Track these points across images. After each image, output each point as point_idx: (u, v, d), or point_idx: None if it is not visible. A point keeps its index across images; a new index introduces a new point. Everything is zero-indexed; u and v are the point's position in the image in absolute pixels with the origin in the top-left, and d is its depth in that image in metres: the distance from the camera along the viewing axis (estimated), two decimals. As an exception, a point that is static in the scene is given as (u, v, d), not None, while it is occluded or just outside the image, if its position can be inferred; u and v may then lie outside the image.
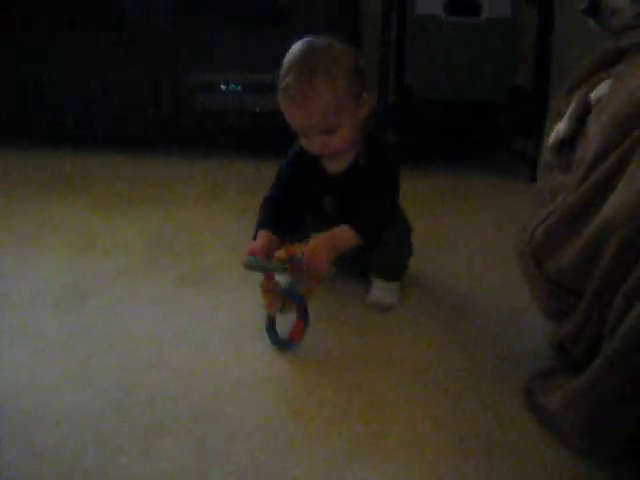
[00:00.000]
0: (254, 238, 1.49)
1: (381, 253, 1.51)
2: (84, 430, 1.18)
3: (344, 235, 1.43)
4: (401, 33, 2.43)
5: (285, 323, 1.41)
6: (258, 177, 2.14)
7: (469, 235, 1.83)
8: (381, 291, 1.54)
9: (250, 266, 1.41)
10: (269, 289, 1.41)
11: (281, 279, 1.44)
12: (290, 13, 2.22)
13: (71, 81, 2.40)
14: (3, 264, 1.75)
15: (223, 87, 2.34)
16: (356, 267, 1.60)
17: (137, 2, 2.29)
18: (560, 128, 1.23)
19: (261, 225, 1.51)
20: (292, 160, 1.56)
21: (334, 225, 1.45)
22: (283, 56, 1.52)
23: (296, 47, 1.43)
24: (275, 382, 1.30)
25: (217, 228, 1.90)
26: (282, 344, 1.40)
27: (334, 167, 1.52)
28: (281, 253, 1.38)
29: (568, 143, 1.20)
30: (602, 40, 1.32)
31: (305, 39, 1.44)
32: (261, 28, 2.27)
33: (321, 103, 1.38)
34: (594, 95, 1.17)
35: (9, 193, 2.16)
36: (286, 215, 1.52)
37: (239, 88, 2.33)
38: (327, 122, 1.41)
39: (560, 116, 1.25)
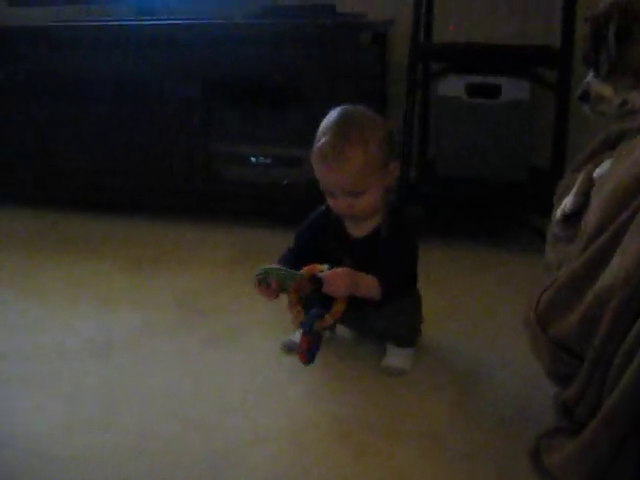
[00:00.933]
0: None
1: (396, 320, 1.57)
2: (100, 473, 1.24)
3: (368, 280, 1.49)
4: (425, 112, 2.55)
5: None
6: (281, 245, 2.21)
7: (484, 306, 1.89)
8: (395, 357, 1.60)
9: (261, 271, 1.48)
10: (294, 303, 1.48)
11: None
12: (317, 93, 2.35)
13: (106, 149, 2.55)
14: (32, 316, 1.85)
15: (253, 159, 2.46)
16: (368, 331, 1.66)
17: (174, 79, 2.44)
18: (567, 202, 1.30)
19: (278, 262, 1.58)
20: (315, 221, 1.64)
21: None
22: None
23: (334, 112, 1.53)
24: (292, 440, 1.34)
25: (241, 292, 1.97)
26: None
27: (356, 231, 1.59)
28: (304, 269, 1.48)
29: (574, 216, 1.27)
30: (609, 124, 1.41)
31: (343, 106, 1.54)
32: (289, 106, 2.41)
33: (352, 165, 1.47)
34: (597, 172, 1.25)
35: (37, 254, 2.29)
36: (303, 264, 1.57)
37: (268, 161, 2.46)
38: (355, 184, 1.49)
39: (567, 191, 1.32)
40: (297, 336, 1.64)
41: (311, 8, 2.45)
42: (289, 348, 1.64)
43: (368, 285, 1.49)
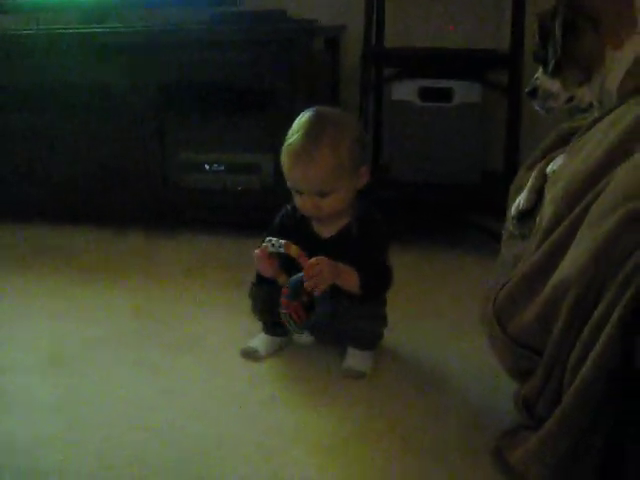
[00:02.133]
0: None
1: (357, 322, 1.57)
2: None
3: (350, 274, 1.51)
4: (378, 116, 2.56)
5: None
6: (239, 252, 2.22)
7: (440, 306, 1.91)
8: (355, 359, 1.59)
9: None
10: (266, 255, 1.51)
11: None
12: (271, 99, 2.34)
13: (60, 158, 2.51)
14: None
15: (207, 167, 2.45)
16: (331, 335, 1.65)
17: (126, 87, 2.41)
18: (520, 199, 1.32)
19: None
20: (282, 221, 1.63)
21: None
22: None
23: (307, 112, 1.54)
24: (257, 446, 1.32)
25: (200, 300, 1.96)
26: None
27: (324, 231, 1.59)
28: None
29: (529, 213, 1.29)
30: (560, 122, 1.44)
31: (316, 106, 1.56)
32: (244, 113, 2.40)
33: (321, 166, 1.48)
34: (549, 168, 1.27)
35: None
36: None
37: (222, 168, 2.44)
38: (323, 185, 1.50)
39: (521, 189, 1.34)
40: (255, 342, 1.66)
41: (263, 14, 2.44)
42: (249, 354, 1.63)
43: (349, 275, 1.50)
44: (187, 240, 2.44)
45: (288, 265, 1.54)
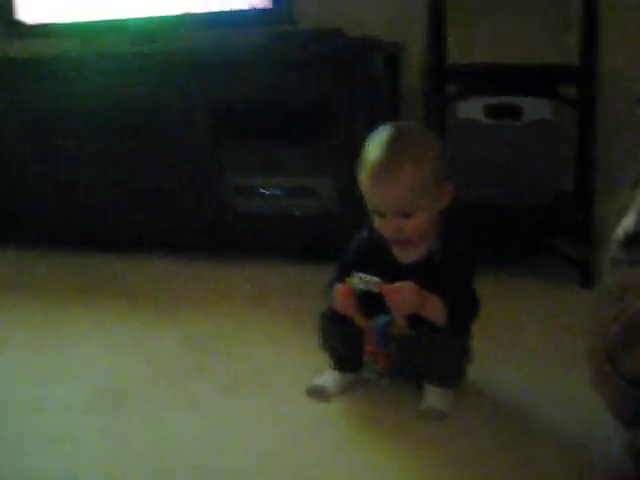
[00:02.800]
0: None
1: (439, 356, 1.43)
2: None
3: (435, 302, 1.39)
4: (442, 136, 2.44)
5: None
6: (301, 281, 2.11)
7: (519, 342, 1.75)
8: (434, 397, 1.44)
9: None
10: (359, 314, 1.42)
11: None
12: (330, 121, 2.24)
13: (110, 182, 2.43)
14: (43, 366, 1.70)
15: (264, 191, 2.34)
16: (412, 373, 1.51)
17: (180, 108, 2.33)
18: (626, 222, 1.18)
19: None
20: (359, 247, 1.52)
21: None
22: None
23: (384, 128, 1.45)
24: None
25: (261, 332, 1.84)
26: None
27: (405, 257, 1.47)
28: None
29: (638, 236, 1.15)
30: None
31: (394, 122, 1.48)
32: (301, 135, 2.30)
33: (405, 182, 1.38)
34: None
35: (47, 298, 2.15)
36: None
37: (278, 192, 2.34)
38: (407, 203, 1.40)
39: (625, 210, 1.20)
40: (323, 379, 1.53)
41: (320, 32, 2.35)
42: (317, 393, 1.51)
43: (434, 304, 1.39)
44: (245, 268, 2.32)
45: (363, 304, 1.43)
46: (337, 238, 1.56)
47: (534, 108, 2.27)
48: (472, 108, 2.29)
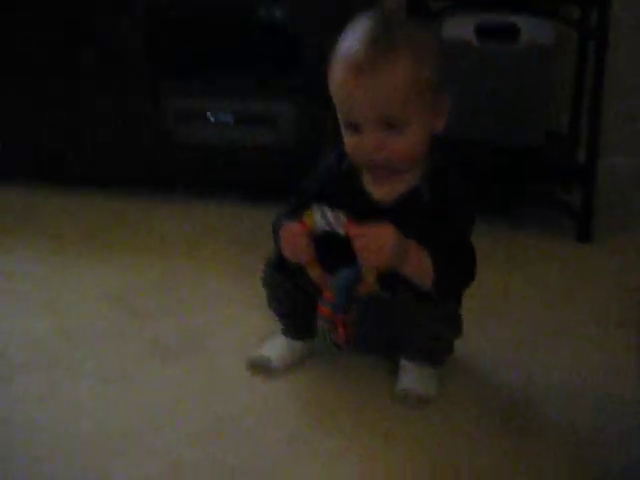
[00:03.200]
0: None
1: (423, 328, 1.13)
2: None
3: (419, 253, 1.06)
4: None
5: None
6: (250, 225, 1.81)
7: (510, 309, 1.47)
8: (414, 378, 1.15)
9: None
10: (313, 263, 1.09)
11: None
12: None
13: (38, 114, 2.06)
14: None
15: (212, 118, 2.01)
16: (380, 344, 1.22)
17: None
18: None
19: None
20: (322, 177, 1.19)
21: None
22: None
23: (367, 16, 1.10)
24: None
25: (199, 286, 1.54)
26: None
27: (382, 193, 1.14)
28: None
29: None
30: None
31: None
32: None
33: (395, 80, 1.04)
34: None
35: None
36: None
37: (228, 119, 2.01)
38: (397, 107, 1.05)
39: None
40: (267, 348, 1.24)
41: None
42: (259, 366, 1.21)
43: (418, 257, 1.05)
44: (186, 208, 1.97)
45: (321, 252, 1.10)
46: (296, 174, 1.23)
47: (531, 32, 1.94)
48: (461, 27, 1.97)
